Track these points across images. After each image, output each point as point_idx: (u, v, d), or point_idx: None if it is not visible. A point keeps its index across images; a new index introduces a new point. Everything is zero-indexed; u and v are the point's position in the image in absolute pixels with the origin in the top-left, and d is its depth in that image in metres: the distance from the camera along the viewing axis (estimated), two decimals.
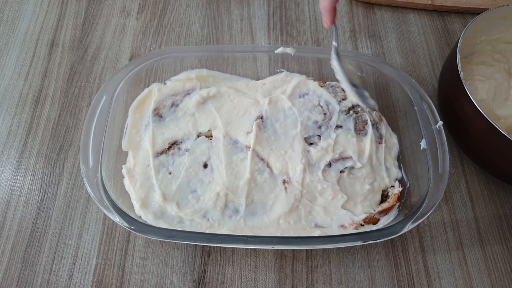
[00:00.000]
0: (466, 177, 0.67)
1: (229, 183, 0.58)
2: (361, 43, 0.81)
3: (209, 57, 0.69)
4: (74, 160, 0.66)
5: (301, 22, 0.83)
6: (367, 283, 0.58)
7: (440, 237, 0.61)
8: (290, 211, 0.57)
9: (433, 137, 0.59)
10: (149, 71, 0.66)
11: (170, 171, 0.60)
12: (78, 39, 0.78)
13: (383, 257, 0.60)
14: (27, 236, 0.60)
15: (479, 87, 0.64)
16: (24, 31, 0.78)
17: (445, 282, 0.58)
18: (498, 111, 0.63)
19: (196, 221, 0.57)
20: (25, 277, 0.57)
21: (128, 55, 0.77)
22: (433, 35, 0.82)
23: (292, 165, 0.60)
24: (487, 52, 0.70)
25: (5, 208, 0.62)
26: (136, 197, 0.58)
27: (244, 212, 0.57)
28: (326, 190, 0.58)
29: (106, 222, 0.61)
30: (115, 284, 0.57)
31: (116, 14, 0.82)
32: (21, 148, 0.67)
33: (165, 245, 0.59)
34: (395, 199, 0.58)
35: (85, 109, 0.70)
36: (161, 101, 0.66)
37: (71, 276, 0.57)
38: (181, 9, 0.83)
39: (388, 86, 0.66)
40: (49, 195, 0.63)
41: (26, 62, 0.75)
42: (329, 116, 0.65)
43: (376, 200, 0.59)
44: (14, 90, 0.72)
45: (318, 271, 0.58)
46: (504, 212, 0.64)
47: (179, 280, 0.57)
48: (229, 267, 0.58)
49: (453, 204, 0.64)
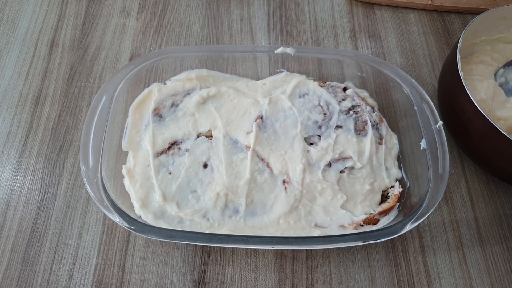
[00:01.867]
0: (466, 177, 0.67)
1: (229, 183, 0.58)
2: (361, 43, 0.81)
3: (209, 57, 0.69)
4: (74, 160, 0.66)
5: (301, 22, 0.83)
6: (367, 283, 0.58)
7: (440, 237, 0.61)
8: (290, 211, 0.57)
9: (433, 137, 0.59)
10: (149, 71, 0.66)
11: (170, 171, 0.60)
12: (78, 39, 0.78)
13: (383, 257, 0.60)
14: (27, 236, 0.60)
15: (478, 87, 0.64)
16: (24, 31, 0.78)
17: (445, 282, 0.58)
18: (498, 112, 0.63)
19: (196, 221, 0.57)
20: (25, 277, 0.57)
21: (128, 55, 0.77)
22: (433, 35, 0.82)
23: (292, 165, 0.60)
24: (487, 52, 0.70)
25: (5, 208, 0.62)
26: (136, 197, 0.58)
27: (244, 212, 0.57)
28: (325, 190, 0.58)
29: (106, 222, 0.61)
30: (115, 284, 0.57)
31: (116, 14, 0.82)
32: (21, 148, 0.67)
33: (165, 245, 0.59)
34: (395, 200, 0.58)
35: (85, 109, 0.70)
36: (161, 101, 0.66)
37: (71, 276, 0.57)
38: (181, 9, 0.83)
39: (388, 86, 0.66)
40: (49, 195, 0.63)
41: (26, 62, 0.75)
42: (329, 116, 0.65)
43: (376, 200, 0.59)
44: (14, 90, 0.72)
45: (318, 271, 0.58)
46: (504, 212, 0.64)
47: (179, 280, 0.57)
48: (229, 267, 0.58)
49: (453, 204, 0.64)
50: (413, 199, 0.58)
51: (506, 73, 0.68)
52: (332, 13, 0.83)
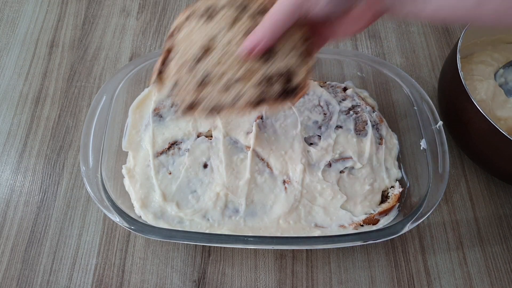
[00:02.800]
0: (466, 177, 0.67)
1: (229, 183, 0.58)
2: (361, 43, 0.81)
3: None
4: (74, 160, 0.66)
5: None
6: (367, 283, 0.58)
7: (440, 237, 0.61)
8: (290, 211, 0.57)
9: (433, 137, 0.59)
10: (149, 71, 0.66)
11: (170, 171, 0.60)
12: (78, 39, 0.78)
13: (383, 257, 0.60)
14: (27, 236, 0.60)
15: (478, 87, 0.64)
16: (24, 31, 0.78)
17: (445, 282, 0.58)
18: (498, 112, 0.63)
19: (196, 221, 0.57)
20: (25, 277, 0.57)
21: (128, 55, 0.77)
22: (433, 35, 0.82)
23: (292, 165, 0.60)
24: (487, 52, 0.70)
25: (5, 208, 0.62)
26: (136, 197, 0.58)
27: (244, 212, 0.57)
28: (325, 190, 0.58)
29: (106, 222, 0.61)
30: (115, 284, 0.57)
31: (116, 14, 0.82)
32: (21, 148, 0.67)
33: (165, 245, 0.59)
34: (395, 200, 0.58)
35: (85, 109, 0.70)
36: (161, 101, 0.66)
37: (71, 276, 0.57)
38: (181, 9, 0.83)
39: (388, 86, 0.66)
40: (49, 195, 0.63)
41: (26, 62, 0.75)
42: (329, 116, 0.65)
43: (376, 200, 0.59)
44: (14, 90, 0.72)
45: (318, 271, 0.58)
46: (504, 212, 0.64)
47: (179, 280, 0.57)
48: (229, 267, 0.58)
49: (453, 204, 0.64)
50: (413, 199, 0.58)
51: (506, 74, 0.68)
52: None
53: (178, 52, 0.44)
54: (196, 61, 0.42)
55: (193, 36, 0.43)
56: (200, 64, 0.42)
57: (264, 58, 0.42)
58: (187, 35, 0.44)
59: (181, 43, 0.44)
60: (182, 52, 0.43)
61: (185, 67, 0.43)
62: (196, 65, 0.43)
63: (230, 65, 0.42)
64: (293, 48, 0.43)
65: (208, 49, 0.42)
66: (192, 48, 0.43)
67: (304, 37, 0.44)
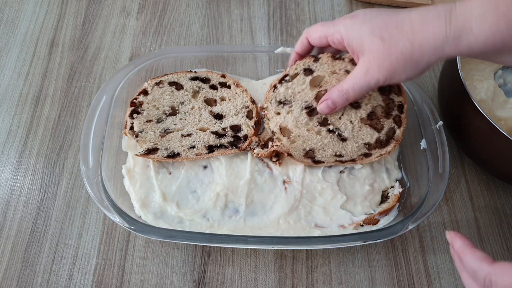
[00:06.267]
0: (466, 177, 0.67)
1: (229, 183, 0.58)
2: None
3: (209, 57, 0.69)
4: (74, 160, 0.66)
5: (301, 22, 0.83)
6: (367, 283, 0.58)
7: (440, 237, 0.61)
8: (290, 211, 0.57)
9: (433, 137, 0.59)
10: (149, 71, 0.66)
11: (170, 171, 0.60)
12: (78, 39, 0.78)
13: (383, 257, 0.60)
14: (27, 236, 0.60)
15: (478, 87, 0.64)
16: (24, 31, 0.78)
17: (445, 282, 0.58)
18: (499, 113, 0.63)
19: (196, 221, 0.57)
20: (25, 277, 0.57)
21: (128, 55, 0.77)
22: None
23: (292, 165, 0.60)
24: None
25: (5, 208, 0.62)
26: (136, 197, 0.58)
27: (244, 212, 0.57)
28: (325, 190, 0.58)
29: (106, 222, 0.61)
30: (115, 284, 0.57)
31: (116, 14, 0.82)
32: (21, 148, 0.67)
33: (165, 245, 0.59)
34: (395, 200, 0.58)
35: (85, 109, 0.70)
36: None
37: (71, 276, 0.57)
38: (181, 9, 0.83)
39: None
40: (49, 195, 0.63)
41: (26, 62, 0.75)
42: None
43: (376, 200, 0.59)
44: (14, 90, 0.72)
45: (318, 271, 0.58)
46: (504, 212, 0.64)
47: (179, 280, 0.57)
48: (229, 267, 0.58)
49: (453, 204, 0.64)
50: (413, 199, 0.58)
51: (505, 75, 0.68)
52: (332, 13, 0.83)
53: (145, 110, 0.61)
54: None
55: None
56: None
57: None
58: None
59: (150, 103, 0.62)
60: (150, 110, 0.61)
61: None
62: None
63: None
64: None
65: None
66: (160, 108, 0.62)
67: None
